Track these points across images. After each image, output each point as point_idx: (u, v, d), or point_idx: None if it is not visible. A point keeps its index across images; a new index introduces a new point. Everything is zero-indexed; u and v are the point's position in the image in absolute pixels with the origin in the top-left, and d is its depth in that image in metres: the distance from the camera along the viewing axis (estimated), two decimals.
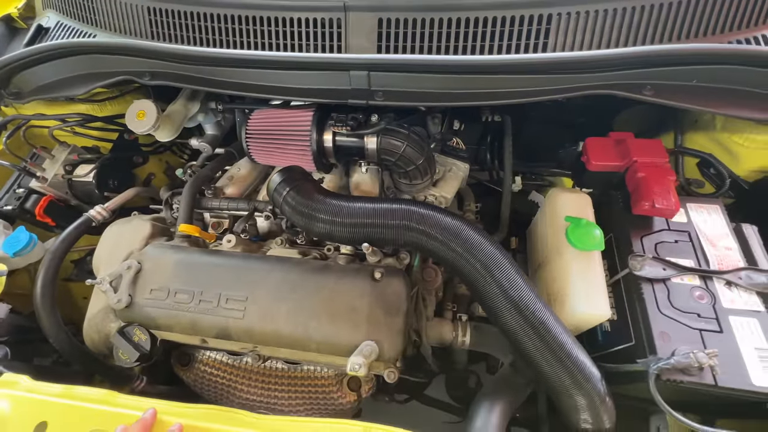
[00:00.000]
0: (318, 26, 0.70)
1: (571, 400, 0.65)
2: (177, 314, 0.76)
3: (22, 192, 0.93)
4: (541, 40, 0.66)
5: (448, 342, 0.88)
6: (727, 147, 0.82)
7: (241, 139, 1.08)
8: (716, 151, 0.85)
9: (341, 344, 0.71)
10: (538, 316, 0.62)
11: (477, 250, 0.65)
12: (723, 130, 0.82)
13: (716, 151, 0.85)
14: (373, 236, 0.70)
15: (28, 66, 0.85)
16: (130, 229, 0.86)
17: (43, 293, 0.81)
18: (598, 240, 0.69)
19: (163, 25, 0.78)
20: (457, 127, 1.06)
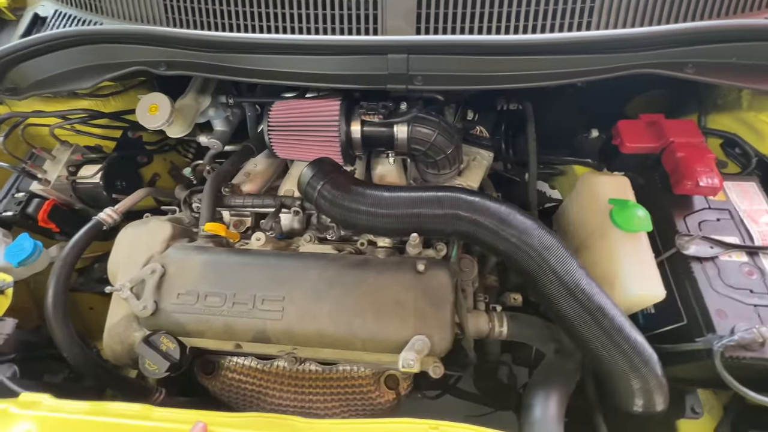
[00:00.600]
0: (353, 8, 0.67)
1: (627, 383, 0.64)
2: (209, 319, 0.71)
3: (22, 196, 0.86)
4: (585, 19, 0.65)
5: (484, 333, 0.86)
6: (753, 126, 0.83)
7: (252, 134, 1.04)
8: (741, 131, 0.86)
9: (389, 341, 0.68)
10: (595, 300, 0.61)
11: (530, 236, 0.63)
12: (749, 109, 0.83)
13: (741, 130, 0.86)
14: (418, 227, 0.67)
15: (26, 58, 0.78)
16: (148, 232, 0.80)
17: (55, 304, 0.75)
18: (646, 220, 0.68)
19: (180, 11, 0.72)
20: (471, 117, 1.04)
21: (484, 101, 1.13)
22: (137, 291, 0.74)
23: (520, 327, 0.84)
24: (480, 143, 1.01)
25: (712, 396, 0.86)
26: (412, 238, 0.69)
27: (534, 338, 0.84)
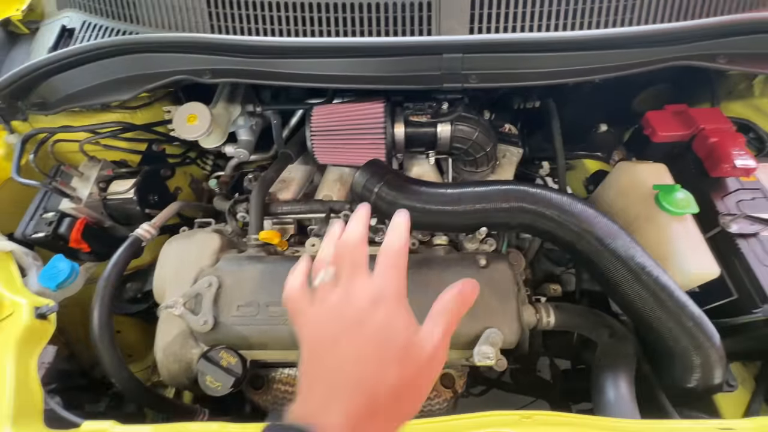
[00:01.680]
0: (406, 10, 0.68)
1: (688, 360, 0.67)
2: (273, 329, 0.69)
3: (52, 216, 0.81)
4: (627, 15, 0.69)
5: (532, 325, 0.87)
6: (766, 112, 0.90)
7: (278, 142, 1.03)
8: (754, 117, 0.92)
9: (459, 336, 0.69)
10: (660, 282, 0.63)
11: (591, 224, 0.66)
12: (762, 95, 0.89)
13: (754, 116, 0.92)
14: (485, 221, 0.68)
15: (57, 72, 0.74)
16: (196, 245, 0.78)
17: (101, 327, 0.71)
18: (692, 202, 0.72)
19: (226, 17, 0.71)
20: (488, 116, 1.07)
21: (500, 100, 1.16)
22: (191, 306, 0.72)
23: (568, 316, 0.86)
24: (510, 140, 1.04)
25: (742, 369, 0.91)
26: (479, 232, 0.70)
27: (583, 326, 0.86)
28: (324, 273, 0.43)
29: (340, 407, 0.34)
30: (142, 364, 1.05)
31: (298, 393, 0.38)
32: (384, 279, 0.40)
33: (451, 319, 0.41)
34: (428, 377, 0.39)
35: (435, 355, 0.38)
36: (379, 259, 0.42)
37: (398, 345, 0.37)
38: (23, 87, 0.76)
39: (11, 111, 0.79)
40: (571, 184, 1.46)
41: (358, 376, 0.36)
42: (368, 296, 0.39)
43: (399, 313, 0.39)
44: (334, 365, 0.37)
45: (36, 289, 0.76)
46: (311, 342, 0.40)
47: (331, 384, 0.36)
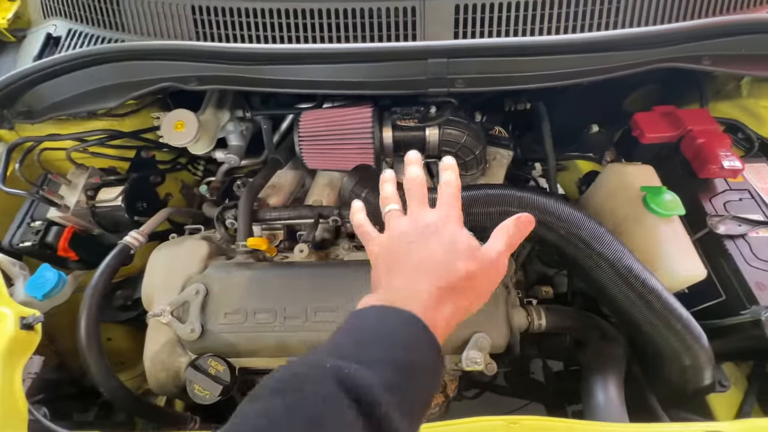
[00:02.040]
0: (391, 15, 0.68)
1: (678, 362, 0.67)
2: (261, 336, 0.69)
3: (39, 224, 0.81)
4: (611, 18, 0.69)
5: (523, 327, 0.87)
6: (753, 112, 0.90)
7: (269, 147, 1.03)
8: (742, 117, 0.92)
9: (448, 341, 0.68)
10: (648, 284, 0.64)
11: (578, 227, 0.66)
12: (749, 96, 0.90)
13: (741, 117, 0.92)
14: (473, 225, 0.68)
15: (42, 80, 0.74)
16: (184, 252, 0.77)
17: (88, 336, 0.71)
18: (679, 204, 0.72)
19: (212, 25, 0.71)
20: (479, 119, 1.08)
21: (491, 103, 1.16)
22: (179, 314, 0.71)
23: (559, 318, 0.86)
24: (500, 143, 1.04)
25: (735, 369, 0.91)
26: None
27: (574, 328, 0.86)
28: (391, 205, 0.49)
29: (425, 282, 0.40)
30: (133, 372, 1.04)
31: (377, 289, 0.44)
32: (448, 206, 0.47)
33: (511, 237, 0.47)
34: (491, 278, 0.44)
35: (497, 260, 0.44)
36: (441, 191, 0.49)
37: (465, 248, 0.43)
38: (9, 96, 0.75)
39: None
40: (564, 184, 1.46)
41: (435, 265, 0.42)
42: (436, 217, 0.46)
43: (464, 230, 0.46)
44: (413, 261, 0.42)
45: (22, 299, 0.75)
46: (387, 252, 0.45)
47: (413, 272, 0.42)
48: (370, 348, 0.35)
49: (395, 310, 0.38)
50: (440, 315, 0.39)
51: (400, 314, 0.37)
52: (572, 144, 1.23)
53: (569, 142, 1.23)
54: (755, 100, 0.89)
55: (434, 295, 0.39)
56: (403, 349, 0.36)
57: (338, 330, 0.38)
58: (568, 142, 1.24)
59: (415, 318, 0.37)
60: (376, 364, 0.33)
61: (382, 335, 0.36)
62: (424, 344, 0.37)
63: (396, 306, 0.38)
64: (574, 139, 1.22)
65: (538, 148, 1.37)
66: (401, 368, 0.34)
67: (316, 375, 0.32)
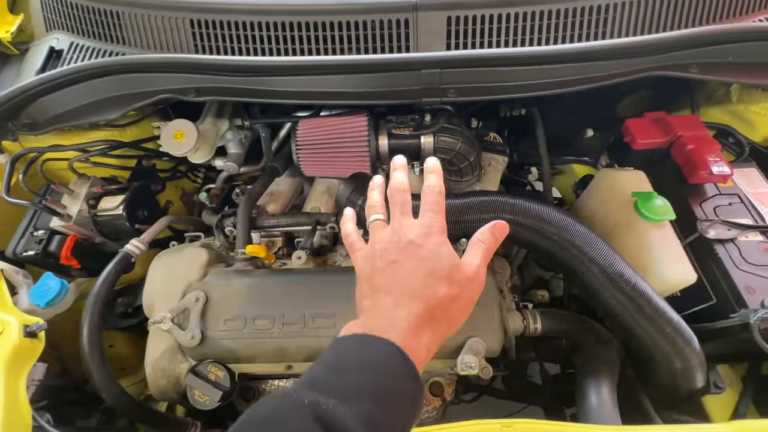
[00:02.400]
0: (385, 28, 0.70)
1: (669, 365, 0.68)
2: (260, 342, 0.70)
3: (42, 234, 0.82)
4: (600, 29, 0.71)
5: (519, 331, 0.88)
6: (743, 117, 0.91)
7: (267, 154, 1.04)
8: (732, 122, 0.94)
9: (443, 346, 0.69)
10: (639, 289, 0.65)
11: (570, 233, 0.67)
12: (739, 101, 0.91)
13: (732, 122, 0.94)
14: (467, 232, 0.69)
15: (46, 93, 0.76)
16: (184, 259, 0.79)
17: (90, 343, 0.72)
18: (670, 209, 0.73)
19: (210, 38, 0.73)
20: (475, 125, 1.09)
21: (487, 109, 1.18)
22: (179, 321, 0.73)
23: (554, 322, 0.88)
24: (494, 149, 1.05)
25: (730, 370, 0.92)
26: (460, 243, 0.71)
27: (569, 332, 0.87)
28: (376, 215, 0.51)
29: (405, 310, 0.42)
30: (135, 378, 1.06)
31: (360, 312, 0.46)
32: (430, 216, 0.48)
33: (488, 248, 0.49)
34: (472, 293, 0.46)
35: (476, 276, 0.46)
36: (424, 198, 0.50)
37: (446, 267, 0.45)
38: (13, 108, 0.77)
39: (1, 132, 0.80)
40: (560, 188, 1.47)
41: (416, 288, 0.43)
42: (419, 229, 0.47)
43: (445, 243, 0.47)
44: (394, 281, 0.44)
45: (26, 307, 0.77)
46: (371, 267, 0.47)
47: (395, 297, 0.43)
48: (349, 378, 0.37)
49: (375, 339, 0.39)
50: (420, 343, 0.41)
51: (380, 344, 0.39)
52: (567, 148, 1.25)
53: (564, 147, 1.25)
54: (745, 106, 0.90)
55: (413, 323, 0.41)
56: (382, 379, 0.37)
57: (321, 358, 0.40)
58: (563, 147, 1.25)
59: (395, 347, 0.38)
60: (355, 397, 0.35)
61: (362, 365, 0.38)
62: (404, 373, 0.38)
63: (376, 335, 0.39)
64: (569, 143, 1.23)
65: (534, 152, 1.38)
66: (380, 399, 0.36)
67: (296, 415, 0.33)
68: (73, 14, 0.80)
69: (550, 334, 0.88)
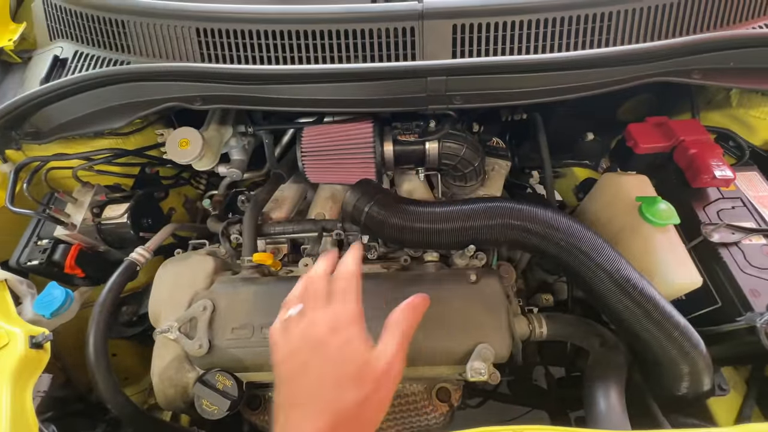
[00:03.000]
0: (391, 36, 0.70)
1: (676, 369, 0.68)
2: (268, 351, 0.69)
3: (46, 243, 0.82)
4: (603, 36, 0.71)
5: (525, 336, 0.89)
6: (743, 121, 0.92)
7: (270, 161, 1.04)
8: (732, 126, 0.95)
9: (453, 352, 0.70)
10: (646, 293, 0.65)
11: (577, 238, 0.67)
12: (739, 106, 0.92)
13: (732, 126, 0.95)
14: (474, 238, 0.70)
15: (51, 102, 0.76)
16: (190, 268, 0.79)
17: (96, 353, 0.72)
18: (674, 213, 0.74)
19: (216, 46, 0.73)
20: (476, 129, 1.10)
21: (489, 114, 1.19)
22: (186, 330, 0.72)
23: (560, 326, 0.88)
24: (497, 153, 1.06)
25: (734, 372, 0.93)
26: (468, 249, 0.71)
27: (575, 336, 0.88)
28: (293, 309, 0.50)
29: (310, 423, 0.41)
30: (138, 387, 1.05)
31: (275, 423, 0.44)
32: (339, 305, 0.48)
33: (404, 331, 0.48)
34: (386, 390, 0.45)
35: (390, 369, 0.45)
36: (333, 286, 0.50)
37: (355, 365, 0.44)
38: (17, 117, 0.77)
39: (5, 141, 0.80)
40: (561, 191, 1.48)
41: (324, 398, 0.42)
42: (326, 324, 0.46)
43: (355, 335, 0.46)
44: (303, 391, 0.43)
45: (30, 318, 0.76)
46: (283, 372, 0.46)
47: (303, 405, 0.42)
48: None
49: None
50: None
51: None
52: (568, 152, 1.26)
53: (565, 150, 1.26)
54: (745, 110, 0.91)
55: None
56: None
57: None
58: (564, 150, 1.26)
59: None
60: None
61: None
62: None
63: None
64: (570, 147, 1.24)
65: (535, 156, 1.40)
66: None
67: None
68: (78, 23, 0.80)
69: (556, 338, 0.89)
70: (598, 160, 1.28)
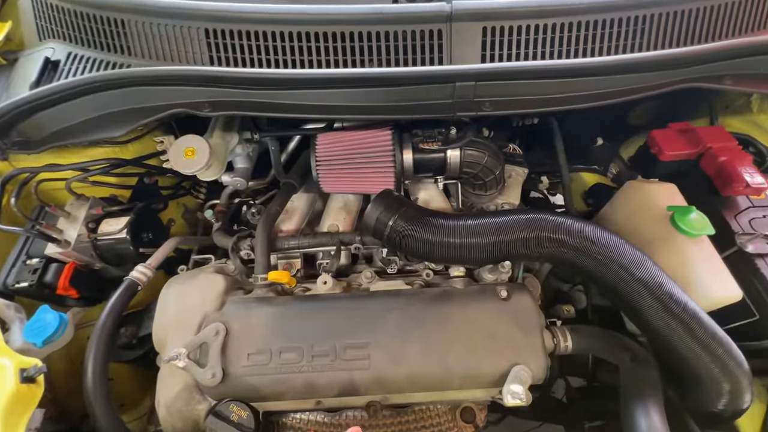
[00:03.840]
0: (417, 39, 0.66)
1: (718, 387, 0.65)
2: (288, 378, 0.65)
3: (36, 262, 0.74)
4: (637, 41, 0.69)
5: (550, 350, 0.85)
6: (764, 127, 0.91)
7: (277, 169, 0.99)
8: (752, 132, 0.94)
9: (486, 374, 0.65)
10: (690, 310, 0.62)
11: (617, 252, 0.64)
12: (760, 111, 0.91)
13: (752, 132, 0.94)
14: (508, 253, 0.66)
15: (43, 108, 0.69)
16: (199, 288, 0.72)
17: (95, 383, 0.65)
18: (708, 223, 0.71)
19: (227, 48, 0.68)
20: (486, 134, 1.07)
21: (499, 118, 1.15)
22: (196, 357, 0.66)
23: (585, 339, 0.84)
24: (515, 160, 1.03)
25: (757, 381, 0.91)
26: (502, 265, 0.67)
27: (602, 349, 0.84)
28: None
29: None
30: (136, 413, 0.98)
31: None
32: None
33: None
34: None
35: None
36: None
37: None
38: (4, 125, 0.70)
39: None
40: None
41: None
42: None
43: None
44: None
45: (20, 346, 0.69)
46: None
47: None
48: None
49: None
50: None
51: None
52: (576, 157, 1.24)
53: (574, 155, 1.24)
54: (766, 116, 0.90)
55: None
56: None
57: None
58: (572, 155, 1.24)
59: None
60: None
61: None
62: None
63: None
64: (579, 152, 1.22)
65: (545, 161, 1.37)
66: None
67: None
68: (72, 22, 0.73)
69: (581, 352, 0.85)
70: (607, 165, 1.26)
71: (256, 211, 0.84)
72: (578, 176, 1.52)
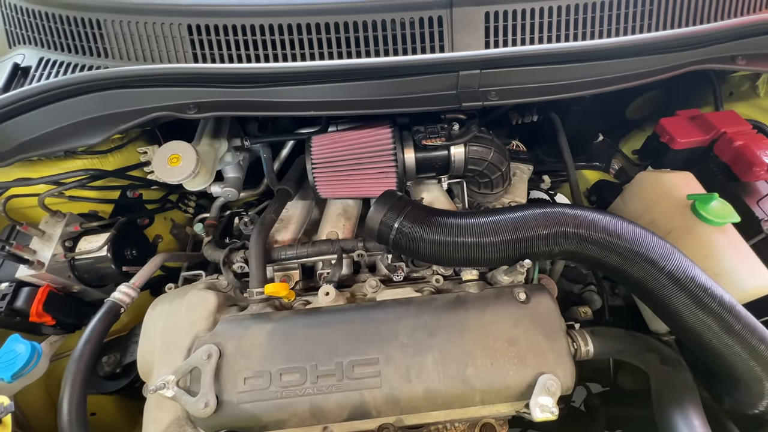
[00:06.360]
0: (416, 26, 0.62)
1: (759, 386, 0.60)
2: (290, 403, 0.58)
3: (5, 287, 0.67)
4: (645, 21, 0.65)
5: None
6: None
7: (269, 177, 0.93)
8: (760, 117, 0.91)
9: (510, 387, 0.59)
10: (726, 304, 0.57)
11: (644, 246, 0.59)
12: (767, 96, 0.88)
13: (760, 117, 0.91)
14: (526, 251, 0.60)
15: (10, 116, 0.63)
16: (187, 306, 0.66)
17: (71, 418, 0.58)
18: (732, 211, 0.67)
19: (211, 45, 0.63)
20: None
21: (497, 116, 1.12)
22: (186, 385, 0.59)
23: (608, 342, 0.78)
24: (519, 158, 0.99)
25: None
26: (521, 264, 0.61)
27: (627, 352, 0.79)
28: None
29: None
30: None
31: None
32: None
33: None
34: None
35: None
36: None
37: None
38: None
39: None
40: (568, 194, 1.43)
41: None
42: None
43: None
44: None
45: None
46: None
47: None
48: None
49: None
50: None
51: None
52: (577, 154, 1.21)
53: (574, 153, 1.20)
54: None
55: None
56: None
57: None
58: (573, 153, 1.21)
59: None
60: None
61: None
62: None
63: None
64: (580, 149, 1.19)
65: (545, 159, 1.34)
66: None
67: None
68: (43, 26, 0.68)
69: (604, 355, 0.79)
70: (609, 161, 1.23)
71: (249, 220, 0.78)
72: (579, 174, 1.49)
